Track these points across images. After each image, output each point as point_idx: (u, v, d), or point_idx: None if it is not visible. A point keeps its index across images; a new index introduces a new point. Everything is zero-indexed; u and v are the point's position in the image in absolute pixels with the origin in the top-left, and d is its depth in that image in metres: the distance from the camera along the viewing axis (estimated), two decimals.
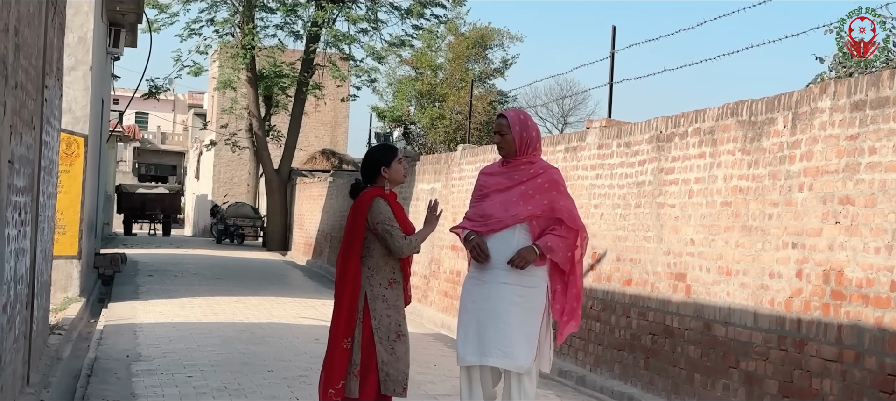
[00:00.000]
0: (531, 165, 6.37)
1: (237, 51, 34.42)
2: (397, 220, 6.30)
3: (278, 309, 15.86)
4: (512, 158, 6.38)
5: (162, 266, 23.98)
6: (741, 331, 7.97)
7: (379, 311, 6.22)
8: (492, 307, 6.18)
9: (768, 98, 7.97)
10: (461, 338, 6.29)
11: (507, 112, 6.53)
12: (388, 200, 6.35)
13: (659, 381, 9.09)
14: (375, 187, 6.38)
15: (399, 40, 33.78)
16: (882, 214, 6.54)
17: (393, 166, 6.39)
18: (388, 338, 6.20)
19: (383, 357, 6.16)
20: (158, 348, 11.03)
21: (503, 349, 6.14)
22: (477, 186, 6.52)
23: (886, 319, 6.42)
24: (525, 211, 6.23)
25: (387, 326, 6.23)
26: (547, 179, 6.33)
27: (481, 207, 6.36)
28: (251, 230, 40.38)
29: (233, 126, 39.37)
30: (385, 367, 6.17)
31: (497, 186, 6.35)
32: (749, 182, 8.06)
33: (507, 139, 6.34)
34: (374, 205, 6.27)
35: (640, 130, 9.94)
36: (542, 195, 6.26)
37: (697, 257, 8.70)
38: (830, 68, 16.13)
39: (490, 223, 6.26)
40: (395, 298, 6.31)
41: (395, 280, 6.33)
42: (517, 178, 6.32)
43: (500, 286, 6.17)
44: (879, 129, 6.64)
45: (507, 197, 6.28)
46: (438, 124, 33.06)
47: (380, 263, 6.30)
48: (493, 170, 6.52)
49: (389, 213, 6.28)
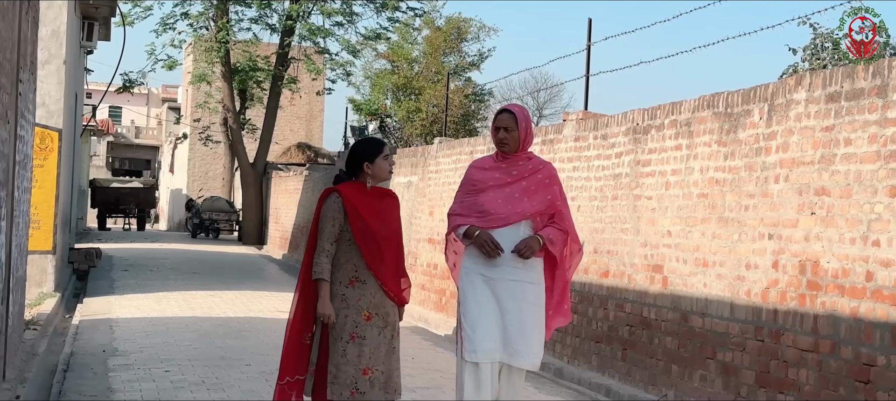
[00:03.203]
0: (529, 160, 6.26)
1: (212, 45, 34.27)
2: (367, 219, 5.91)
3: (255, 303, 15.83)
4: (510, 154, 6.19)
5: (137, 261, 23.87)
6: (718, 322, 8.01)
7: (336, 309, 5.84)
8: (514, 306, 6.02)
9: (744, 90, 8.01)
10: (473, 332, 6.01)
11: (511, 107, 6.33)
12: (350, 198, 5.92)
13: (636, 372, 9.13)
14: (353, 182, 6.03)
15: (374, 34, 33.71)
16: (857, 204, 6.58)
17: (376, 162, 5.99)
18: (341, 338, 5.83)
19: (333, 358, 5.82)
20: (135, 342, 10.98)
21: (529, 349, 6.03)
22: (468, 181, 6.28)
23: (862, 309, 6.47)
24: (531, 207, 6.10)
25: (342, 325, 5.84)
26: (546, 175, 6.21)
27: (478, 203, 6.15)
28: (226, 224, 40.29)
29: (207, 120, 39.23)
30: (333, 369, 5.82)
31: (495, 182, 6.16)
32: (725, 174, 8.10)
33: (513, 135, 6.14)
34: (326, 201, 5.96)
35: (616, 122, 9.97)
36: (543, 191, 6.15)
37: (674, 249, 8.74)
38: (803, 59, 16.26)
39: (491, 219, 6.09)
40: (356, 297, 5.89)
41: (358, 278, 5.91)
42: (517, 174, 6.17)
43: (511, 284, 6.03)
44: (854, 120, 6.69)
45: (508, 193, 6.13)
46: (415, 118, 33.01)
47: (341, 261, 5.92)
48: (487, 165, 6.29)
49: (332, 214, 5.89)
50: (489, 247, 6.02)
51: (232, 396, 8.22)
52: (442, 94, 31.43)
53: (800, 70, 16.15)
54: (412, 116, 33.14)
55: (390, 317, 6.00)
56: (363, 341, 5.87)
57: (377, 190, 6.08)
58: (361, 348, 5.85)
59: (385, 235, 5.98)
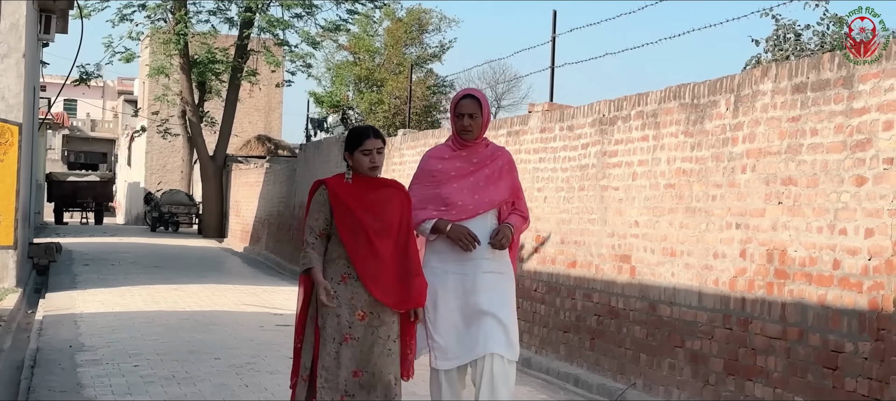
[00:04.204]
0: (487, 147, 6.06)
1: (170, 37, 34.04)
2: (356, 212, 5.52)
3: (220, 296, 15.77)
4: (470, 142, 5.96)
5: (97, 255, 23.69)
6: (686, 311, 8.10)
7: (326, 309, 5.47)
8: (487, 299, 5.82)
9: (710, 81, 8.09)
10: (442, 340, 5.81)
11: (473, 92, 6.07)
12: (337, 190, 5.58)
13: (604, 361, 9.21)
14: (337, 174, 5.74)
15: (334, 25, 33.64)
16: (824, 194, 6.68)
17: (355, 155, 5.60)
18: (333, 339, 5.47)
19: (325, 361, 5.46)
20: (101, 337, 10.91)
21: (509, 339, 5.85)
22: (426, 172, 6.01)
23: (829, 296, 6.57)
24: (497, 196, 5.94)
25: (334, 327, 5.47)
26: (505, 161, 6.05)
27: (441, 195, 5.88)
28: (186, 218, 40.11)
29: (165, 113, 38.96)
30: (324, 372, 5.46)
31: (457, 172, 5.92)
32: (692, 164, 8.18)
33: (477, 122, 5.91)
34: (316, 194, 5.64)
35: (582, 113, 10.04)
36: (505, 178, 6.00)
37: (642, 239, 8.82)
38: (766, 50, 16.46)
39: (458, 211, 5.85)
40: (349, 295, 5.49)
41: (350, 275, 5.52)
42: (478, 162, 5.96)
43: (484, 277, 5.83)
44: (820, 111, 6.79)
45: (472, 182, 5.91)
46: (377, 109, 33.00)
47: (332, 256, 5.57)
48: (445, 154, 6.02)
49: (317, 207, 5.59)
50: (466, 240, 5.79)
51: (203, 389, 8.20)
52: (404, 86, 31.44)
53: (763, 61, 16.34)
54: (374, 107, 33.12)
55: (386, 316, 5.56)
56: (355, 342, 5.49)
57: (373, 180, 5.64)
58: (353, 349, 5.48)
59: (379, 229, 5.54)
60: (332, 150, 19.88)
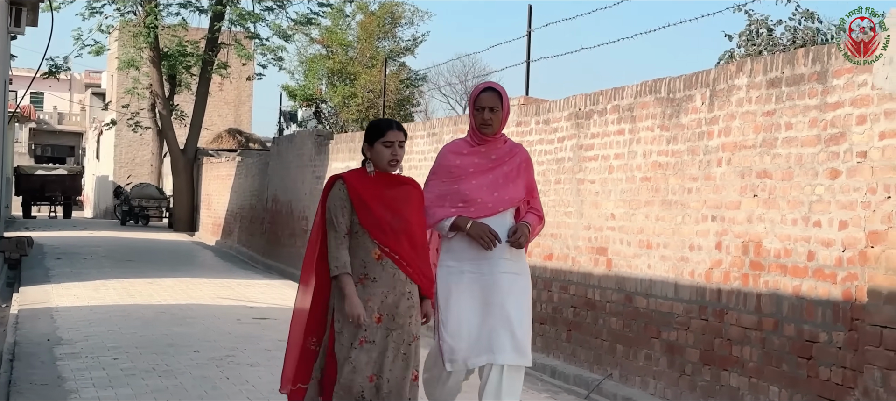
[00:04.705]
0: (505, 143, 5.92)
1: (139, 30, 33.89)
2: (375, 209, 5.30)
3: (195, 290, 15.77)
4: (489, 137, 5.81)
5: (69, 249, 23.59)
6: (662, 302, 8.22)
7: (343, 312, 5.27)
8: (503, 301, 5.68)
9: (686, 76, 8.22)
10: (454, 341, 5.65)
11: (493, 85, 5.91)
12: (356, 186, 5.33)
13: (581, 353, 9.32)
14: (360, 169, 5.46)
15: (305, 19, 33.60)
16: (798, 187, 6.82)
17: (375, 147, 5.34)
18: (351, 344, 5.26)
19: (343, 367, 5.25)
20: (79, 331, 10.91)
21: (523, 346, 5.73)
22: (444, 168, 5.83)
23: (804, 287, 6.70)
24: (517, 194, 5.81)
25: (351, 330, 5.26)
26: (523, 159, 5.93)
27: (459, 190, 5.72)
28: (156, 211, 39.95)
29: (135, 106, 38.77)
30: (340, 377, 5.25)
31: (476, 168, 5.76)
32: (668, 158, 8.30)
33: (498, 116, 5.75)
34: (332, 190, 5.37)
35: (558, 107, 10.14)
36: (523, 176, 5.88)
37: (618, 231, 8.94)
38: (739, 45, 16.66)
39: (478, 208, 5.70)
40: (366, 297, 5.27)
41: (368, 276, 5.30)
42: (497, 158, 5.81)
43: (502, 277, 5.69)
44: (795, 105, 6.92)
45: (491, 179, 5.76)
46: (350, 103, 33.00)
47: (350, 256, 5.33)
48: (464, 150, 5.85)
49: (340, 203, 5.33)
50: (488, 238, 5.64)
51: (184, 382, 8.24)
52: (377, 80, 31.46)
53: (736, 56, 16.53)
54: (348, 101, 33.12)
55: (402, 319, 5.35)
56: (372, 345, 5.28)
57: (389, 177, 5.40)
58: (370, 353, 5.27)
59: (398, 226, 5.33)
60: (305, 143, 19.90)
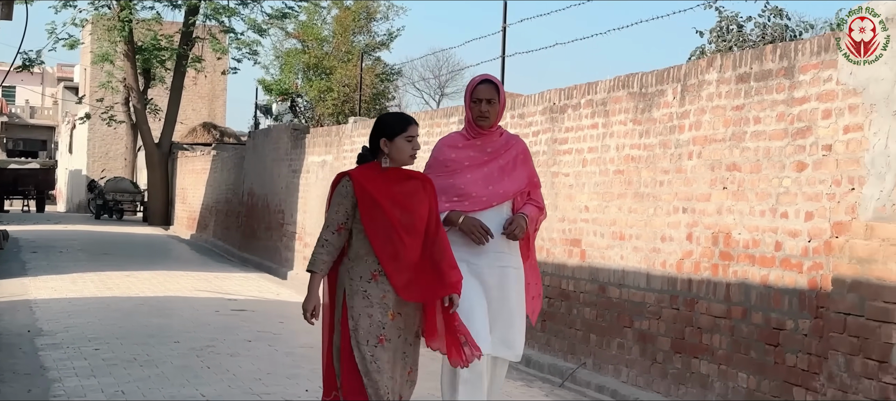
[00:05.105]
0: (501, 135, 5.86)
1: (114, 23, 33.85)
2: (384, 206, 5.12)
3: (172, 283, 15.87)
4: (485, 130, 5.76)
5: (45, 242, 23.61)
6: (635, 292, 8.42)
7: (357, 309, 5.09)
8: (500, 295, 5.66)
9: (658, 71, 8.41)
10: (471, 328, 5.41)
11: (489, 77, 5.88)
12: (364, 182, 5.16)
13: (555, 342, 9.51)
14: (370, 164, 5.26)
15: (280, 13, 33.67)
16: (766, 179, 7.02)
17: (396, 142, 5.17)
18: (367, 342, 5.06)
19: (363, 367, 5.05)
20: (59, 322, 11.00)
21: (515, 340, 5.72)
22: (439, 162, 5.77)
23: (771, 277, 6.91)
24: (513, 187, 5.76)
25: (366, 328, 5.07)
26: (520, 151, 5.87)
27: (456, 185, 5.67)
28: (130, 205, 39.99)
29: (109, 100, 38.71)
30: (366, 378, 5.05)
31: (471, 161, 5.72)
32: (641, 151, 8.49)
33: (495, 108, 5.71)
34: (338, 187, 5.20)
35: (533, 101, 10.32)
36: (520, 168, 5.82)
37: (592, 223, 9.13)
38: (710, 41, 16.92)
39: (473, 202, 5.66)
40: (380, 294, 5.11)
41: (381, 272, 5.12)
42: (493, 151, 5.76)
43: (497, 270, 5.66)
44: (763, 100, 7.12)
45: (486, 173, 5.71)
46: (326, 97, 33.10)
47: (360, 252, 5.17)
48: (459, 143, 5.80)
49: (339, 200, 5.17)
50: (478, 233, 5.58)
51: (166, 371, 8.37)
52: (352, 74, 31.56)
53: (707, 51, 16.78)
54: (324, 95, 33.23)
55: (411, 319, 5.24)
56: (389, 343, 5.13)
57: (399, 172, 5.25)
58: (389, 351, 5.12)
59: (407, 224, 5.14)
60: (281, 137, 20.00)
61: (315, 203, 17.05)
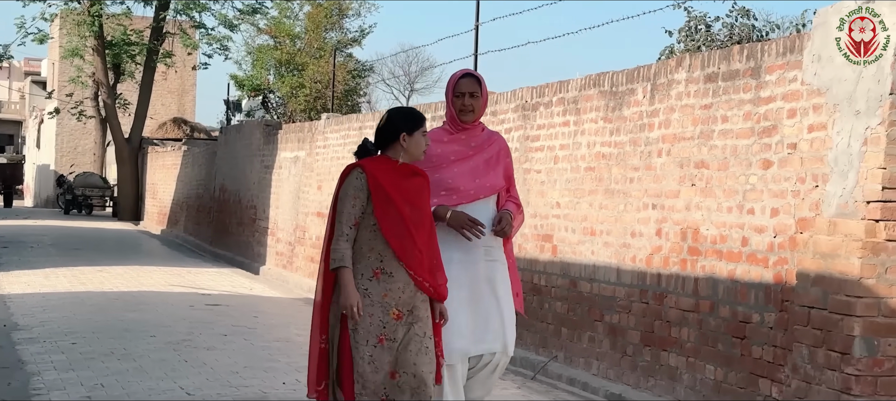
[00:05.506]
0: (483, 130, 5.83)
1: (83, 18, 33.75)
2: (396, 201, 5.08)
3: (145, 277, 15.93)
4: (468, 124, 5.71)
5: (14, 238, 23.57)
6: (605, 286, 8.59)
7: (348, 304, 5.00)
8: (489, 290, 5.60)
9: (628, 70, 8.58)
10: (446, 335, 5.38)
11: (472, 71, 5.88)
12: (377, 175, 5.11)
13: (527, 336, 9.66)
14: (381, 157, 5.22)
15: (251, 8, 33.68)
16: (734, 176, 7.21)
17: (415, 136, 5.18)
18: (367, 342, 5.00)
19: (360, 367, 4.99)
20: (34, 317, 11.07)
21: (508, 335, 5.66)
22: (426, 156, 5.51)
23: (738, 271, 7.10)
24: (497, 181, 5.73)
25: (366, 327, 4.99)
26: (501, 146, 5.85)
27: (442, 178, 5.58)
28: (100, 200, 39.91)
29: (78, 95, 38.58)
30: (360, 378, 4.99)
31: (456, 155, 5.66)
32: (611, 148, 8.66)
33: (478, 102, 5.67)
34: (348, 178, 5.13)
35: (506, 99, 10.47)
36: (502, 161, 5.80)
37: (563, 219, 9.30)
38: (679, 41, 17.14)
39: (460, 195, 5.59)
40: (382, 292, 5.04)
41: (383, 270, 5.06)
42: (476, 145, 5.72)
43: (486, 265, 5.60)
44: (730, 99, 7.30)
45: (472, 166, 5.67)
46: (298, 93, 33.17)
47: (364, 249, 5.08)
48: (443, 138, 5.72)
49: (354, 192, 5.09)
50: (468, 227, 5.48)
51: (144, 364, 8.47)
52: (324, 70, 31.62)
53: (676, 50, 17.01)
54: (296, 91, 33.29)
55: (420, 312, 5.14)
56: (392, 343, 5.04)
57: (407, 168, 5.22)
58: (389, 352, 5.04)
59: (417, 219, 5.13)
60: (253, 133, 20.07)
61: (287, 198, 17.15)
